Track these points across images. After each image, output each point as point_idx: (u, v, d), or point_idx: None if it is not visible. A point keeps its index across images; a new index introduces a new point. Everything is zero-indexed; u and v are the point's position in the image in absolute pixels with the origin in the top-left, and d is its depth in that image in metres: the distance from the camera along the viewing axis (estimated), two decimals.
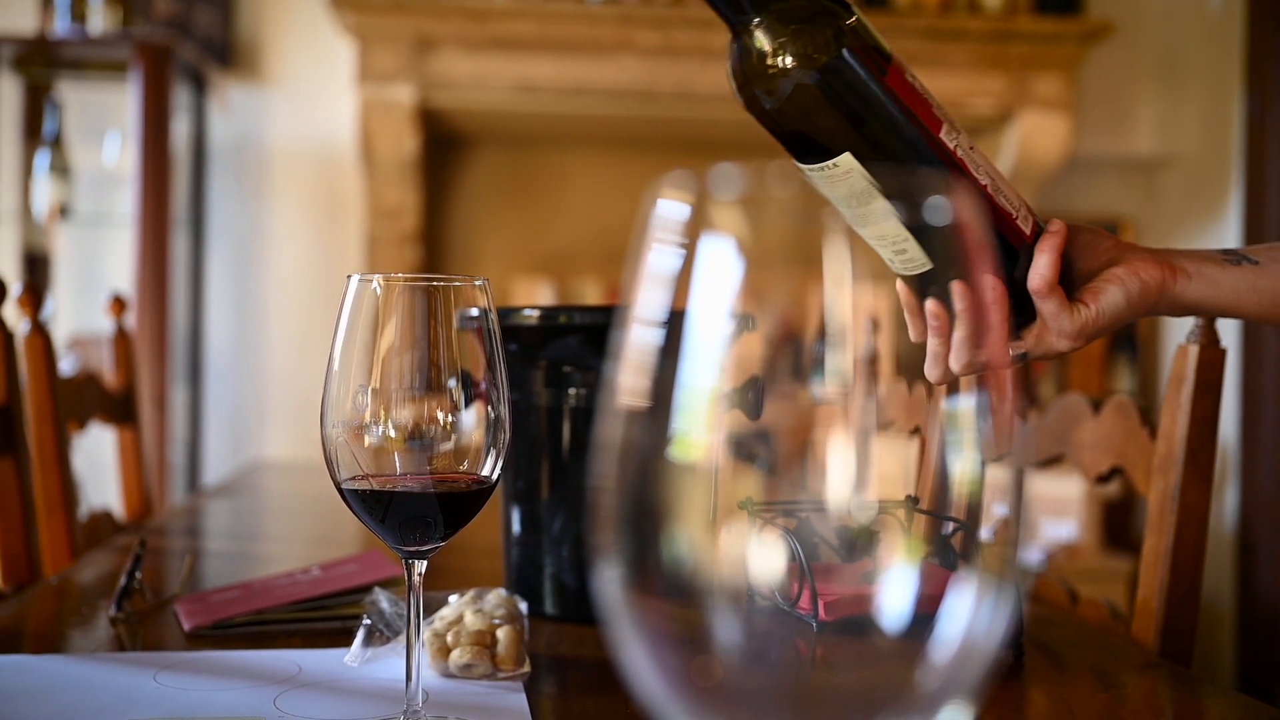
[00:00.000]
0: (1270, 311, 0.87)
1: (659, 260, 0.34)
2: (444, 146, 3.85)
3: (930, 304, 0.84)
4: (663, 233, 0.34)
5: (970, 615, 0.32)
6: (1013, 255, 0.84)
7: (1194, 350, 1.09)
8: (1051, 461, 1.41)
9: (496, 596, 0.92)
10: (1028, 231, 0.85)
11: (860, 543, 1.27)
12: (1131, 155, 3.70)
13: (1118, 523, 3.62)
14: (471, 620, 0.87)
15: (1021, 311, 0.86)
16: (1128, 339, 3.83)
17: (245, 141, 3.61)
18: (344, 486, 0.70)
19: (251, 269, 3.65)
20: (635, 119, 3.55)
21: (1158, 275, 0.84)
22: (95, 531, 1.69)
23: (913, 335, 0.87)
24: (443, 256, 3.80)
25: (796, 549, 0.98)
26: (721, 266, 0.33)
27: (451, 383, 0.71)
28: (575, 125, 3.65)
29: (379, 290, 0.71)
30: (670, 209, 0.34)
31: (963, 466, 0.33)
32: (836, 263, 0.33)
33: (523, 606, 0.92)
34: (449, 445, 0.71)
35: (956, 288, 0.78)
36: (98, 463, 2.93)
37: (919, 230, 0.75)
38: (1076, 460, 1.34)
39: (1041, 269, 0.83)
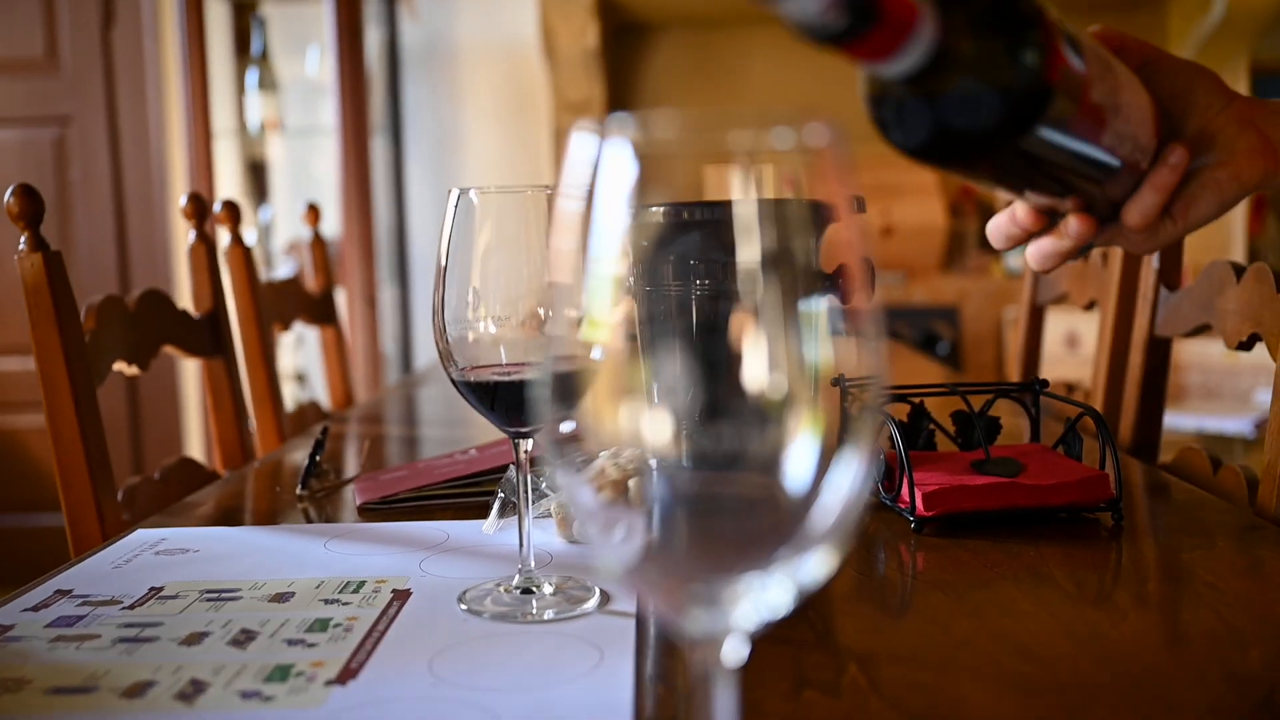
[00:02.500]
0: None
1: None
2: (625, 35, 3.91)
3: (1021, 210, 0.78)
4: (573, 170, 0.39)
5: (852, 481, 0.38)
6: (1114, 171, 0.72)
7: None
8: (1197, 331, 1.40)
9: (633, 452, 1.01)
10: (1145, 166, 0.75)
11: (977, 429, 1.29)
12: None
13: None
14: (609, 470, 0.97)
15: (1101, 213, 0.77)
16: None
17: (435, 45, 3.76)
18: (456, 379, 0.80)
19: (448, 169, 3.83)
20: None
21: (1260, 171, 0.76)
22: (303, 420, 1.89)
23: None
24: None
25: (896, 436, 1.03)
26: (621, 160, 0.38)
27: (550, 283, 0.80)
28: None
29: (476, 201, 0.79)
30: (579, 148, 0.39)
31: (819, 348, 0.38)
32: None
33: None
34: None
35: (1075, 226, 0.76)
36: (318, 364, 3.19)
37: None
38: (1220, 328, 1.32)
39: (1145, 208, 0.75)
